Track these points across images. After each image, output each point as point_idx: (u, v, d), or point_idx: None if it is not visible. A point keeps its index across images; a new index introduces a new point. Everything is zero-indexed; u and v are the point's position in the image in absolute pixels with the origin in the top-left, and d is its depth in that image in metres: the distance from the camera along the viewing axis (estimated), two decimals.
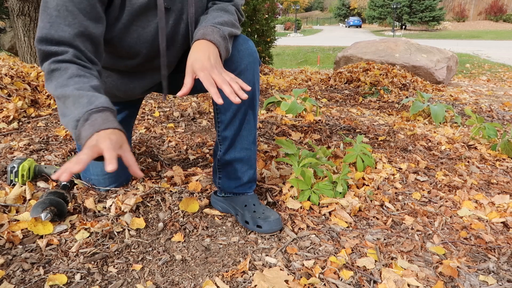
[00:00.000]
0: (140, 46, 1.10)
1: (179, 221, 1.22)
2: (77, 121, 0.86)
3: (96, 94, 0.90)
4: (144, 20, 1.05)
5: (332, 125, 2.41)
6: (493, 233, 1.24)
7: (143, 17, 1.05)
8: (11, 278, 0.93)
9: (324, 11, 70.58)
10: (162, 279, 0.97)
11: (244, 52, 1.13)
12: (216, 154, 1.27)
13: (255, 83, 1.16)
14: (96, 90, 0.91)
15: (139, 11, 1.03)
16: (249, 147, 1.23)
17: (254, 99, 1.18)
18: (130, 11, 1.02)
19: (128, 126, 1.40)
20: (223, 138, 1.22)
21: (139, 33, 1.06)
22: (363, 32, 32.99)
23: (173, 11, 1.10)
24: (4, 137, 1.86)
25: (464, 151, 2.03)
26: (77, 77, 0.91)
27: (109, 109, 0.88)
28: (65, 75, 0.91)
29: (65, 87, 0.89)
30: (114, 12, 1.01)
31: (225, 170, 1.26)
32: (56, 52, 0.91)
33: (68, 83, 0.90)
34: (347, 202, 1.34)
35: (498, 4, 35.91)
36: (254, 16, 6.20)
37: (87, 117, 0.85)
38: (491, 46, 16.30)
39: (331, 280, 0.98)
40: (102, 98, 0.90)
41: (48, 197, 1.14)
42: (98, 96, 0.89)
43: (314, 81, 4.52)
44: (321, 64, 11.93)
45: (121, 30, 1.04)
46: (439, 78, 4.54)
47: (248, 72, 1.14)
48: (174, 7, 1.09)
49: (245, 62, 1.13)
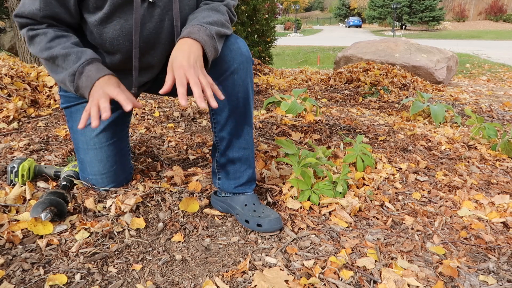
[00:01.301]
0: (122, 39, 1.10)
1: (179, 221, 1.22)
2: (73, 75, 1.02)
3: (81, 49, 1.05)
4: (128, 12, 1.05)
5: (332, 125, 2.42)
6: (493, 233, 1.24)
7: (127, 9, 1.05)
8: (11, 278, 0.93)
9: (324, 11, 70.59)
10: (162, 279, 0.97)
11: (236, 52, 1.13)
12: (215, 155, 1.27)
13: (248, 82, 1.16)
14: (78, 46, 1.06)
15: (122, 2, 1.04)
16: (247, 146, 1.24)
17: (248, 98, 1.18)
18: (113, 1, 1.02)
19: (123, 125, 1.39)
20: (220, 138, 1.23)
21: (121, 25, 1.07)
22: (363, 32, 32.99)
23: (158, 6, 1.09)
24: (4, 137, 1.86)
25: (464, 151, 2.03)
26: (58, 38, 1.04)
27: (97, 59, 1.05)
28: (45, 39, 1.04)
29: (50, 49, 1.03)
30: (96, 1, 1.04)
31: (224, 171, 1.26)
32: (32, 23, 1.06)
33: (52, 45, 1.04)
34: (347, 202, 1.34)
35: (498, 4, 35.91)
36: (254, 16, 6.20)
37: (81, 70, 1.02)
38: (491, 46, 16.30)
39: (331, 280, 0.98)
40: (88, 51, 1.05)
41: (48, 197, 1.14)
42: (83, 50, 1.05)
43: (314, 81, 4.52)
44: (321, 64, 11.93)
45: (103, 20, 1.05)
46: (439, 78, 4.54)
47: (241, 71, 1.14)
48: (160, 2, 1.09)
49: (238, 62, 1.13)
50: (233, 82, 1.13)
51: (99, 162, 1.32)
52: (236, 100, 1.16)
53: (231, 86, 1.14)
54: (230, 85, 1.13)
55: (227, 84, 1.13)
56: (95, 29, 1.08)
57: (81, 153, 1.33)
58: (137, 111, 2.46)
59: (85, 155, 1.32)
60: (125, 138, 1.40)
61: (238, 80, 1.13)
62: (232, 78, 1.13)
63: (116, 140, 1.34)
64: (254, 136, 2.10)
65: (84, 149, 1.31)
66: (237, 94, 1.15)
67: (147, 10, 1.08)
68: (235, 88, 1.14)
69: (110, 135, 1.32)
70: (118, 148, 1.35)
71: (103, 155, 1.32)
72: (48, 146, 1.78)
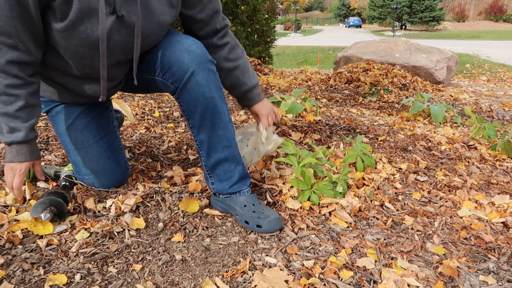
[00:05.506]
0: (88, 48, 1.08)
1: (179, 221, 1.22)
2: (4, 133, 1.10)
3: (16, 125, 1.08)
4: (95, 22, 1.03)
5: (332, 125, 2.42)
6: (493, 233, 1.24)
7: (93, 19, 1.03)
8: (11, 278, 0.93)
9: (324, 11, 70.59)
10: (162, 279, 0.97)
11: (193, 53, 1.15)
12: (202, 160, 1.28)
13: (211, 80, 1.17)
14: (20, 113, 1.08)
15: (88, 12, 1.01)
16: (230, 144, 1.24)
17: (214, 98, 1.18)
18: (79, 9, 1.00)
19: (107, 119, 1.39)
20: (200, 142, 1.24)
21: (87, 34, 1.05)
22: (363, 32, 32.99)
23: (126, 21, 1.08)
24: None
25: (464, 151, 2.03)
26: (5, 96, 1.05)
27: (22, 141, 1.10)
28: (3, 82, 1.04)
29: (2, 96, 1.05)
30: (62, 7, 1.00)
31: (215, 174, 1.27)
32: None
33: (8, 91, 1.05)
34: (347, 202, 1.34)
35: (498, 4, 35.90)
36: (254, 16, 6.19)
37: (8, 143, 1.10)
38: (491, 46, 16.30)
39: (331, 280, 0.98)
40: (21, 133, 1.09)
41: (48, 197, 1.14)
42: (17, 127, 1.08)
43: (314, 81, 4.52)
44: (321, 64, 11.93)
45: (68, 27, 1.02)
46: (439, 78, 4.54)
47: (202, 71, 1.16)
48: (128, 18, 1.08)
49: (196, 63, 1.15)
50: (196, 83, 1.15)
51: (91, 161, 1.32)
52: (204, 100, 1.17)
53: (195, 88, 1.15)
54: (194, 87, 1.15)
55: (191, 85, 1.15)
56: (59, 35, 1.05)
57: (72, 155, 1.33)
58: (137, 110, 2.46)
59: (76, 156, 1.33)
60: (113, 132, 1.40)
61: (201, 80, 1.15)
62: (194, 80, 1.15)
63: (103, 136, 1.35)
64: None
65: (73, 150, 1.32)
66: (204, 94, 1.16)
67: (115, 23, 1.06)
68: (200, 89, 1.16)
69: (95, 132, 1.33)
70: (108, 144, 1.35)
71: (94, 153, 1.32)
72: (48, 146, 1.78)
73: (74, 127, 1.31)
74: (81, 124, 1.31)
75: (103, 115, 1.38)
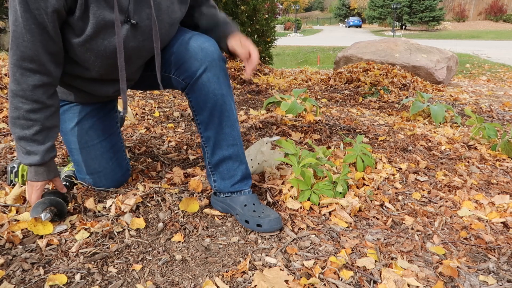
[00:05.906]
0: (106, 58, 1.11)
1: (179, 221, 1.22)
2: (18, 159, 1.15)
3: (33, 149, 1.11)
4: (111, 33, 1.06)
5: (332, 125, 2.42)
6: (493, 233, 1.24)
7: (110, 30, 1.06)
8: (11, 278, 0.93)
9: (324, 11, 70.58)
10: (162, 279, 0.97)
11: (207, 50, 1.16)
12: (205, 158, 1.28)
13: (222, 78, 1.19)
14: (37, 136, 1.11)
15: (104, 25, 1.04)
16: (235, 143, 1.25)
17: (224, 95, 1.19)
18: (95, 24, 1.03)
19: (111, 120, 1.40)
20: (206, 138, 1.24)
21: (105, 46, 1.08)
22: (363, 32, 32.99)
23: (140, 27, 1.11)
24: (4, 137, 1.86)
25: (464, 151, 2.03)
26: (23, 120, 1.08)
27: (39, 164, 1.13)
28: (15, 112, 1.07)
29: (13, 127, 1.10)
30: (79, 23, 1.02)
31: (217, 172, 1.27)
32: None
33: (15, 123, 1.09)
34: (347, 202, 1.34)
35: (498, 4, 35.90)
36: (254, 16, 6.19)
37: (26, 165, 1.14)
38: (491, 46, 16.30)
39: (331, 280, 0.98)
40: (37, 156, 1.12)
41: (48, 197, 1.14)
42: (33, 150, 1.11)
43: (314, 81, 4.52)
44: (321, 64, 11.93)
45: (86, 41, 1.05)
46: (439, 78, 4.54)
47: (214, 69, 1.17)
48: (142, 23, 1.11)
49: (209, 59, 1.16)
50: (208, 79, 1.16)
51: (93, 161, 1.32)
52: (214, 96, 1.18)
53: (206, 84, 1.17)
54: (206, 83, 1.17)
55: (202, 82, 1.16)
56: (78, 49, 1.07)
57: (75, 154, 1.34)
58: (137, 110, 2.46)
59: (78, 155, 1.33)
60: (116, 133, 1.40)
61: (212, 77, 1.16)
62: (206, 76, 1.16)
63: (107, 137, 1.35)
64: (254, 136, 2.10)
65: (77, 149, 1.32)
66: (214, 91, 1.17)
67: (130, 31, 1.09)
68: (211, 86, 1.17)
69: (100, 132, 1.33)
70: (110, 144, 1.36)
71: (97, 153, 1.33)
72: None
73: (80, 127, 1.31)
74: (88, 124, 1.32)
75: (109, 115, 1.38)
